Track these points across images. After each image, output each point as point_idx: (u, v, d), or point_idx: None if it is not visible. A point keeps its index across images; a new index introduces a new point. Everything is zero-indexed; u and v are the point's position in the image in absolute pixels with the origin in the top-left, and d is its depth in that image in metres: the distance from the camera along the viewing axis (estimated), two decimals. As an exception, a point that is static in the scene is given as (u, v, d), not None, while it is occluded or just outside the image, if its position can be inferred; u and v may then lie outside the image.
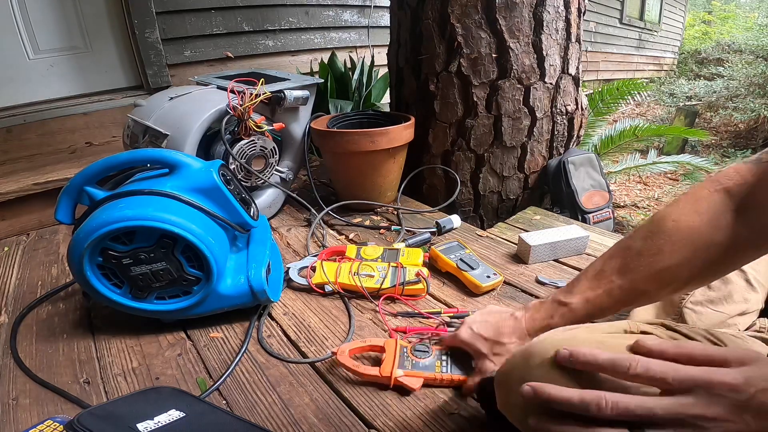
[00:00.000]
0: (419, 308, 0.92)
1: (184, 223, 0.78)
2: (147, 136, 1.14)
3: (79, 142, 1.83)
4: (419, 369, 0.73)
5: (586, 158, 1.52)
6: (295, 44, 2.41)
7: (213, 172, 0.85)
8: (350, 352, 0.76)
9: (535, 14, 1.35)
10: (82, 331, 0.91)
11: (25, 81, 1.83)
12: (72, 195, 0.85)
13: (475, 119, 1.43)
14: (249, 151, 1.20)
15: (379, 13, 2.66)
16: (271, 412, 0.70)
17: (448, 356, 0.75)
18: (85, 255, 0.77)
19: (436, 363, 0.74)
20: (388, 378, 0.71)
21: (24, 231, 1.42)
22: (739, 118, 4.55)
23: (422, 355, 0.75)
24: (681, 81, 6.62)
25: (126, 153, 0.87)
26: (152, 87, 1.98)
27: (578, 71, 1.52)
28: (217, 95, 1.21)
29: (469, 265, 1.00)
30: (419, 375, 0.72)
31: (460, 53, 1.38)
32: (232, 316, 0.91)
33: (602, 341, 0.45)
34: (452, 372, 0.72)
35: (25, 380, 0.79)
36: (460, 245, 1.08)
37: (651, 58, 6.92)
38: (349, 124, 1.46)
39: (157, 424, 0.54)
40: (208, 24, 2.09)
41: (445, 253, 1.05)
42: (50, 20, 1.83)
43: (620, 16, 5.61)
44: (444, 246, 1.07)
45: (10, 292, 1.08)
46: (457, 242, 1.09)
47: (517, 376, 0.45)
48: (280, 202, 1.41)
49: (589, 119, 2.35)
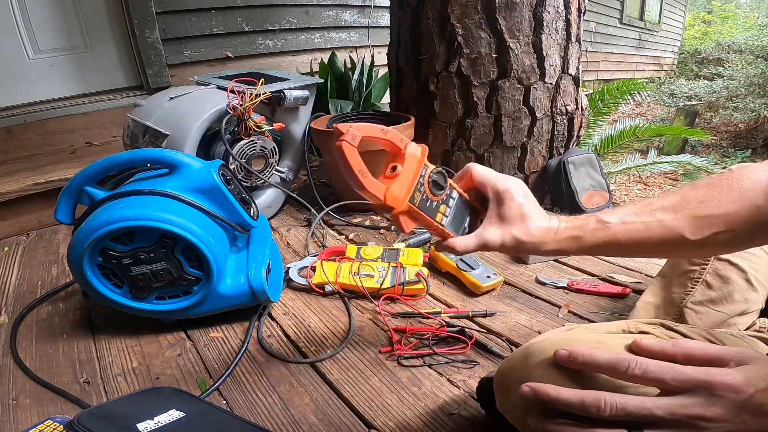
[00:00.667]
0: (419, 308, 0.92)
1: (184, 223, 0.78)
2: (147, 136, 1.14)
3: (79, 142, 1.83)
4: (424, 209, 0.55)
5: (586, 158, 1.52)
6: (295, 44, 2.41)
7: (213, 172, 0.85)
8: (363, 138, 0.54)
9: (535, 14, 1.35)
10: (82, 331, 0.91)
11: (25, 81, 1.83)
12: (72, 195, 0.85)
13: (475, 119, 1.43)
14: (249, 151, 1.20)
15: (379, 13, 2.66)
16: (271, 412, 0.70)
17: (454, 205, 0.59)
18: (85, 255, 0.77)
19: (440, 207, 0.57)
20: (391, 208, 0.53)
21: (24, 231, 1.42)
22: (739, 118, 4.55)
23: (437, 192, 0.57)
24: (681, 81, 6.62)
25: (126, 153, 0.87)
26: (152, 87, 1.98)
27: (578, 71, 1.52)
28: (217, 95, 1.21)
29: (469, 265, 1.00)
30: (420, 216, 0.55)
31: (460, 53, 1.38)
32: (232, 316, 0.91)
33: (601, 341, 0.45)
34: (448, 227, 0.57)
35: (25, 380, 0.79)
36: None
37: (651, 58, 6.92)
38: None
39: (157, 424, 0.54)
40: (208, 24, 2.09)
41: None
42: (50, 20, 1.83)
43: (620, 16, 5.61)
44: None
45: (10, 292, 1.08)
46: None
47: (516, 376, 0.45)
48: (280, 202, 1.41)
49: (589, 119, 2.35)
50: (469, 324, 0.88)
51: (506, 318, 0.90)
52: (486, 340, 0.83)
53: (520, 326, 0.87)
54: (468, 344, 0.81)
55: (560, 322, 0.88)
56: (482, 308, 0.92)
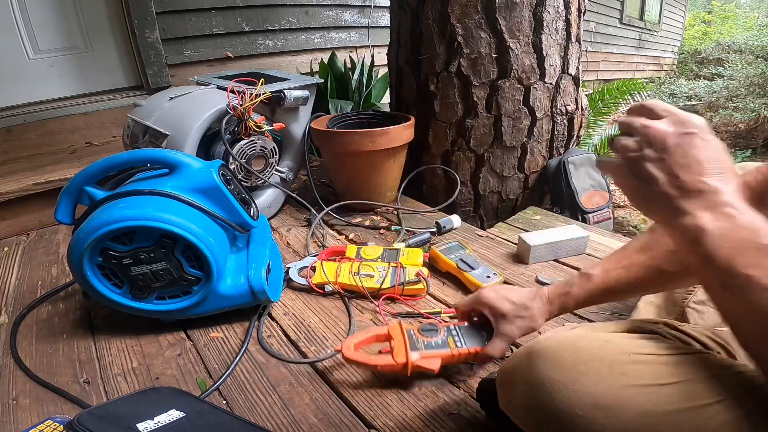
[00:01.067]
0: (419, 308, 0.92)
1: (184, 223, 0.78)
2: (147, 136, 1.14)
3: (79, 142, 1.83)
4: (433, 349, 0.68)
5: (586, 158, 1.52)
6: (295, 44, 2.41)
7: (213, 172, 0.85)
8: (355, 346, 0.71)
9: (535, 14, 1.35)
10: (82, 331, 0.91)
11: (25, 81, 1.83)
12: (72, 195, 0.85)
13: (475, 119, 1.43)
14: (249, 151, 1.20)
15: (379, 13, 2.66)
16: (271, 412, 0.70)
17: (459, 330, 0.71)
18: (85, 255, 0.77)
19: (448, 340, 0.70)
20: (404, 365, 0.67)
21: (24, 231, 1.42)
22: (739, 118, 4.54)
23: (432, 334, 0.70)
24: (681, 81, 6.61)
25: (126, 153, 0.87)
26: (152, 87, 1.98)
27: (578, 71, 1.52)
28: (217, 95, 1.21)
29: (469, 265, 1.00)
30: (436, 355, 0.67)
31: (460, 53, 1.38)
32: (232, 316, 0.91)
33: (608, 340, 0.44)
34: (468, 345, 0.69)
35: (25, 380, 0.79)
36: (461, 245, 1.08)
37: (651, 58, 6.92)
38: (349, 124, 1.46)
39: (157, 424, 0.54)
40: (208, 24, 2.09)
41: (445, 253, 1.05)
42: (50, 20, 1.83)
43: (620, 16, 5.61)
44: (444, 246, 1.07)
45: (10, 292, 1.08)
46: (458, 242, 1.09)
47: (519, 375, 0.45)
48: (280, 202, 1.41)
49: (589, 119, 2.35)
50: (469, 324, 0.88)
51: (506, 318, 0.89)
52: (486, 340, 0.83)
53: (520, 326, 0.87)
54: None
55: (560, 322, 0.88)
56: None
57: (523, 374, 0.45)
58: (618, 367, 0.41)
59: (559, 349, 0.43)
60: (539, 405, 0.42)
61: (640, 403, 0.39)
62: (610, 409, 0.39)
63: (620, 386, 0.40)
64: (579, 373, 0.41)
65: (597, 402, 0.40)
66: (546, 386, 0.42)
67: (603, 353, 0.42)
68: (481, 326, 0.72)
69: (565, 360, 0.42)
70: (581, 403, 0.40)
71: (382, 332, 0.73)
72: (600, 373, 0.41)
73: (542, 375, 0.43)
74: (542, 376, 0.42)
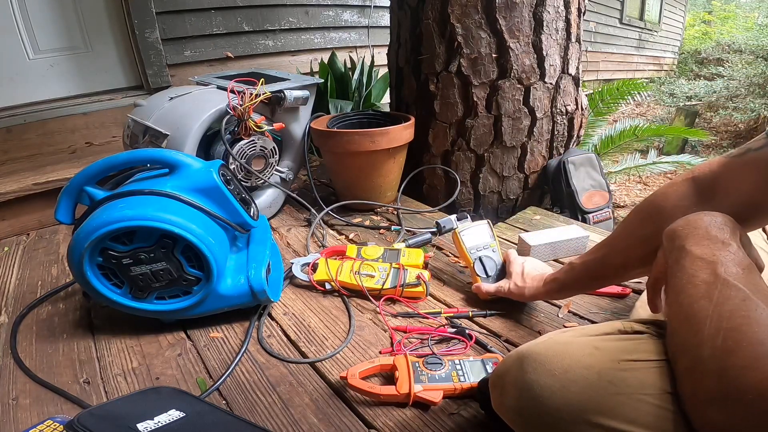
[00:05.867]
0: (419, 308, 0.92)
1: (184, 223, 0.78)
2: (147, 136, 1.14)
3: (79, 142, 1.83)
4: (436, 381, 0.71)
5: (586, 158, 1.52)
6: (295, 44, 2.41)
7: (213, 172, 0.85)
8: (360, 374, 0.72)
9: (535, 14, 1.35)
10: (82, 331, 0.91)
11: (25, 81, 1.83)
12: (72, 195, 0.85)
13: (475, 119, 1.43)
14: (249, 151, 1.20)
15: (379, 13, 2.66)
16: (271, 412, 0.70)
17: (463, 364, 0.74)
18: (85, 255, 0.77)
19: (452, 374, 0.72)
20: (406, 395, 0.69)
21: (24, 231, 1.42)
22: (739, 118, 4.55)
23: (436, 367, 0.73)
24: (681, 81, 6.62)
25: (126, 153, 0.87)
26: (152, 87, 1.98)
27: (578, 71, 1.52)
28: (217, 95, 1.21)
29: (485, 269, 0.94)
30: (438, 388, 0.70)
31: (460, 53, 1.38)
32: (232, 316, 0.91)
33: (597, 347, 0.45)
34: (471, 380, 0.71)
35: (25, 380, 0.79)
36: (489, 230, 0.98)
37: (651, 58, 6.92)
38: (349, 124, 1.46)
39: (157, 424, 0.54)
40: (208, 24, 2.09)
41: (467, 241, 0.96)
42: (50, 20, 1.83)
43: (620, 16, 5.61)
44: (470, 229, 0.97)
45: (10, 292, 1.08)
46: (487, 223, 1.00)
47: (510, 379, 0.46)
48: (280, 202, 1.41)
49: (589, 119, 2.35)
50: (469, 324, 0.88)
51: (506, 318, 0.90)
52: (486, 340, 0.83)
53: (520, 326, 0.87)
54: (468, 344, 0.81)
55: (560, 322, 0.88)
56: (482, 308, 0.92)
57: (514, 378, 0.46)
58: (606, 374, 0.42)
59: (549, 355, 0.44)
60: (528, 409, 0.43)
61: (626, 412, 0.40)
62: (597, 416, 0.40)
63: (607, 394, 0.41)
64: (568, 380, 0.42)
65: (584, 409, 0.41)
66: (535, 391, 0.43)
67: (592, 360, 0.43)
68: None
69: (555, 366, 0.43)
70: (569, 409, 0.41)
71: (388, 363, 0.75)
72: (588, 381, 0.42)
73: (532, 380, 0.43)
74: (532, 381, 0.43)
